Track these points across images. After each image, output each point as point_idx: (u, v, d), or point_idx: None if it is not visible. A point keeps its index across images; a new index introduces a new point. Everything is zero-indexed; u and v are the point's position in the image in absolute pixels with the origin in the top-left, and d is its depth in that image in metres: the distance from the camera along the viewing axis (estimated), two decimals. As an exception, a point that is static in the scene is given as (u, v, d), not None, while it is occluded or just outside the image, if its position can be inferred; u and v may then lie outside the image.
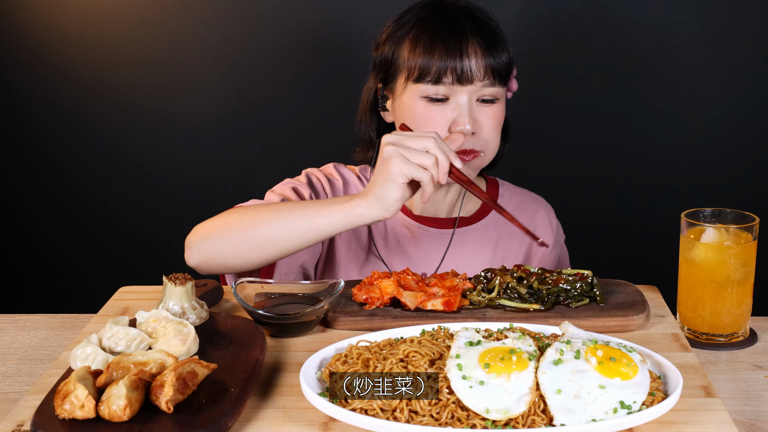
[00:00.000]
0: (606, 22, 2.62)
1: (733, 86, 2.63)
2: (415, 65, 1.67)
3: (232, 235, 1.57)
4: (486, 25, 1.70)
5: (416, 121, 1.69)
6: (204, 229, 1.60)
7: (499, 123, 1.72)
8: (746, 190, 2.68)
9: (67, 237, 2.91)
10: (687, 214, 1.49)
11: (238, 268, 1.61)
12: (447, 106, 1.67)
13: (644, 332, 1.43)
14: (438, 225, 1.84)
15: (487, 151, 1.72)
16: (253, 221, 1.57)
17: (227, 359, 1.25)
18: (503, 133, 1.81)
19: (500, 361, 1.15)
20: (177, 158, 2.81)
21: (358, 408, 1.12)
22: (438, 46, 1.65)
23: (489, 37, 1.68)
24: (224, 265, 1.61)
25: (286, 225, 1.54)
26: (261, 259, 1.58)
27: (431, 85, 1.66)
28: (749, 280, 1.47)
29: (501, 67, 1.68)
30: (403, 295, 1.48)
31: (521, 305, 1.47)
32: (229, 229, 1.58)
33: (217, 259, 1.59)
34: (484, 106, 1.69)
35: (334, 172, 1.88)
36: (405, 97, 1.70)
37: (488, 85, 1.67)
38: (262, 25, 2.69)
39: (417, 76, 1.67)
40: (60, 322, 1.62)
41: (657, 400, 1.13)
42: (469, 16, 1.70)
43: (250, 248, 1.56)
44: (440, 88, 1.66)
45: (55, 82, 2.77)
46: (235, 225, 1.58)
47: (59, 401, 1.09)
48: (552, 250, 1.90)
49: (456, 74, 1.64)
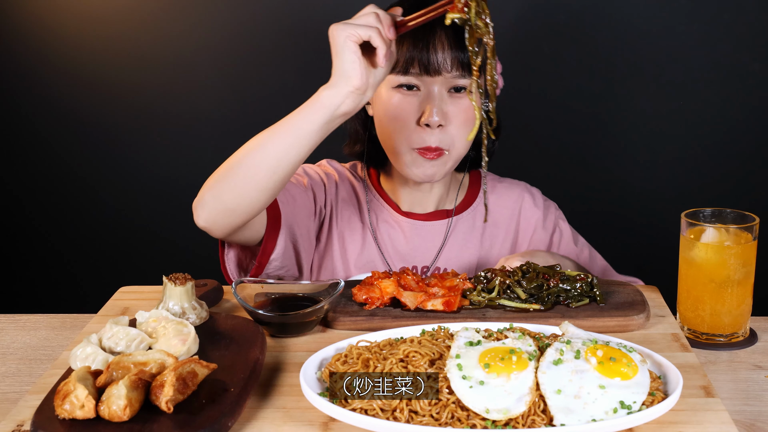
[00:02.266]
0: (606, 21, 2.61)
1: (734, 86, 2.63)
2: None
3: (228, 176, 1.52)
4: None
5: (388, 111, 1.72)
6: (203, 187, 1.57)
7: (470, 118, 1.72)
8: (746, 190, 2.68)
9: (67, 237, 2.91)
10: (687, 214, 1.49)
11: (243, 211, 1.54)
12: (417, 96, 1.69)
13: (644, 332, 1.43)
14: (427, 218, 1.86)
15: (452, 150, 1.73)
16: (241, 154, 1.52)
17: (227, 359, 1.24)
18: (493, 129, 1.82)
19: (500, 361, 1.15)
20: (177, 158, 2.81)
21: (358, 408, 1.12)
22: (407, 38, 1.66)
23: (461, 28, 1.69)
24: (229, 211, 1.54)
25: (272, 143, 1.50)
26: (261, 190, 1.52)
27: (401, 75, 1.68)
28: (749, 280, 1.47)
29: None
30: (403, 295, 1.48)
31: (521, 305, 1.47)
32: (222, 174, 1.54)
33: (220, 208, 1.53)
34: (456, 97, 1.70)
35: (328, 167, 1.92)
36: (380, 88, 1.73)
37: (458, 76, 1.68)
38: (262, 25, 2.70)
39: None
40: (60, 322, 1.62)
41: (657, 400, 1.13)
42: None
43: (247, 182, 1.51)
44: (409, 77, 1.68)
45: (54, 80, 2.77)
46: (227, 166, 1.54)
47: (59, 401, 1.09)
48: (541, 231, 1.90)
49: (423, 65, 1.66)
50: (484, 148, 1.54)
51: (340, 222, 1.86)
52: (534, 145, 2.70)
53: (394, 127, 1.72)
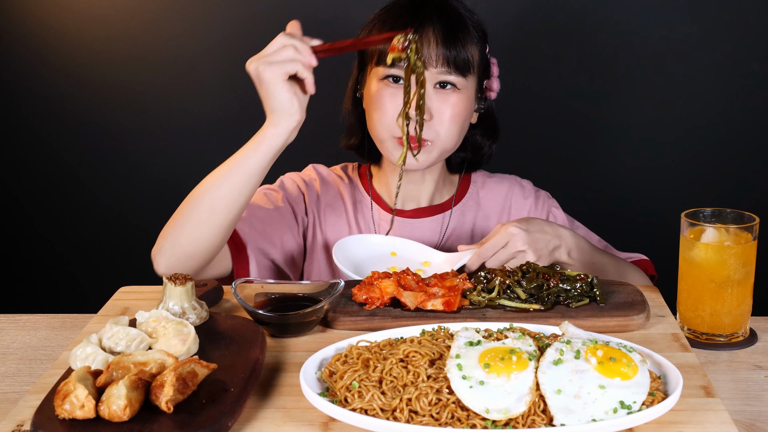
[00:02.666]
0: (606, 21, 2.61)
1: (734, 86, 2.63)
2: (375, 48, 1.72)
3: (184, 221, 1.58)
4: (453, 16, 1.73)
5: (375, 103, 1.74)
6: (160, 235, 1.62)
7: (457, 115, 1.74)
8: (746, 190, 2.68)
9: (67, 237, 2.90)
10: (687, 214, 1.49)
11: (201, 254, 1.60)
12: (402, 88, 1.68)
13: (644, 332, 1.43)
14: (415, 215, 1.87)
15: (437, 142, 1.74)
16: (194, 199, 1.58)
17: (227, 359, 1.24)
18: (490, 132, 1.85)
19: (500, 361, 1.15)
20: (177, 158, 2.80)
21: (358, 408, 1.12)
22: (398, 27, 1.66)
23: (451, 27, 1.71)
24: (187, 256, 1.59)
25: (224, 186, 1.55)
26: (218, 231, 1.58)
27: (388, 67, 1.70)
28: (749, 280, 1.47)
29: (459, 58, 1.71)
30: (403, 295, 1.48)
31: (521, 305, 1.47)
32: (178, 220, 1.59)
33: (179, 254, 1.58)
34: (441, 93, 1.72)
35: (312, 173, 1.95)
36: (370, 80, 1.76)
37: (445, 72, 1.70)
38: (262, 25, 2.69)
39: (376, 59, 1.73)
40: (60, 322, 1.62)
41: (657, 400, 1.13)
42: (441, 5, 1.74)
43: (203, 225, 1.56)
44: (395, 69, 1.70)
45: (55, 81, 2.76)
46: (182, 212, 1.59)
47: (59, 401, 1.09)
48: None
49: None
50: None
51: (325, 228, 1.87)
52: (534, 145, 2.70)
53: (378, 117, 1.75)
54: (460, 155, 1.90)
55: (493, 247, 1.63)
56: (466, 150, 1.89)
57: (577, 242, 1.69)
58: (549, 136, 2.71)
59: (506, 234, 1.63)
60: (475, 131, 1.87)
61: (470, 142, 1.88)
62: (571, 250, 1.68)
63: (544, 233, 1.65)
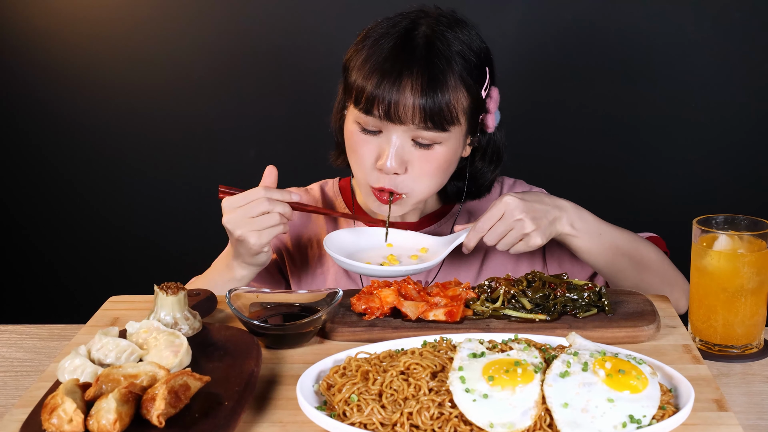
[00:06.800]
0: (613, 23, 2.62)
1: (746, 88, 2.63)
2: (354, 87, 1.62)
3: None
4: (437, 66, 1.59)
5: (349, 144, 1.68)
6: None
7: (437, 167, 1.65)
8: (760, 196, 2.68)
9: (55, 245, 2.93)
10: (699, 221, 1.48)
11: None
12: (378, 138, 1.63)
13: (654, 343, 1.42)
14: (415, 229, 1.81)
15: (411, 195, 1.67)
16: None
17: (221, 371, 1.24)
18: (494, 159, 1.78)
19: (505, 373, 1.15)
20: (171, 164, 2.83)
21: (357, 423, 1.11)
22: (375, 73, 1.59)
23: (432, 78, 1.58)
24: None
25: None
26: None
27: (363, 114, 1.62)
28: (763, 289, 1.46)
29: (436, 109, 1.58)
30: (403, 305, 1.46)
31: (526, 315, 1.46)
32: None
33: None
34: (419, 150, 1.64)
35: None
36: (348, 117, 1.69)
37: (422, 128, 1.60)
38: (259, 28, 2.73)
39: (354, 99, 1.63)
40: (47, 333, 1.61)
41: (668, 414, 1.13)
42: (429, 46, 1.61)
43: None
44: (370, 119, 1.61)
45: (45, 85, 2.79)
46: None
47: (46, 415, 1.08)
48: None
49: (384, 109, 1.58)
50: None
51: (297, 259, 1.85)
52: (543, 149, 2.71)
53: (353, 160, 1.70)
54: (456, 185, 1.81)
55: (489, 219, 1.59)
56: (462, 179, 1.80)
57: (579, 213, 1.65)
58: (554, 141, 2.72)
59: (502, 204, 1.59)
60: (474, 158, 1.79)
61: (468, 170, 1.80)
62: (574, 221, 1.64)
63: (543, 203, 1.61)
